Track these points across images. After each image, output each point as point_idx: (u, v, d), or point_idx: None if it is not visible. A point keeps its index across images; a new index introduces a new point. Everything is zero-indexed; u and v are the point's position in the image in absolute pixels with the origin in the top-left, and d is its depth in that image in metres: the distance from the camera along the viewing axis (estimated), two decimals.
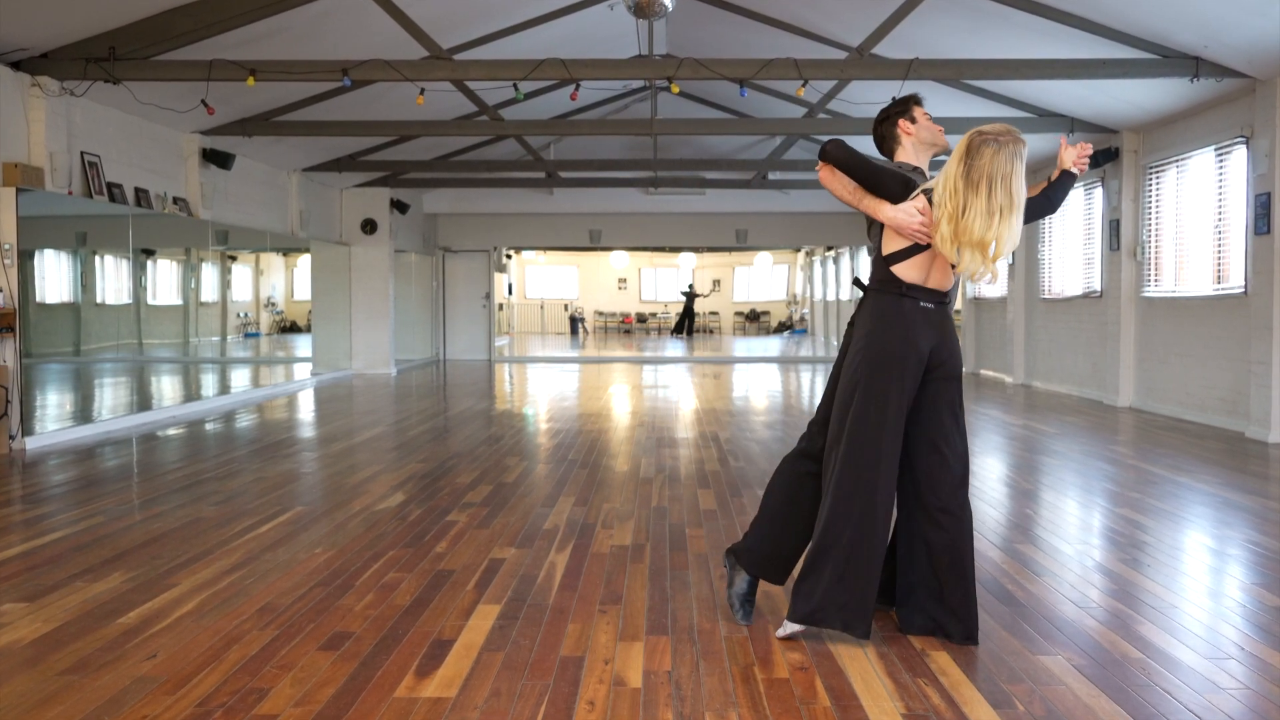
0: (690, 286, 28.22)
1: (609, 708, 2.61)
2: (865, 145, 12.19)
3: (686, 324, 27.71)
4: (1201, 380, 8.54)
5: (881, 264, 3.17)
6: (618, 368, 16.12)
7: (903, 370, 3.07)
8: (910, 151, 3.28)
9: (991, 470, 6.61)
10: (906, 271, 3.11)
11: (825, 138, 13.17)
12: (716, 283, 30.99)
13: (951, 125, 9.99)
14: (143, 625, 3.24)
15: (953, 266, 3.11)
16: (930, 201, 3.07)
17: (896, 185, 3.11)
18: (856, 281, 3.28)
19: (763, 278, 30.27)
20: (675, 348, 22.50)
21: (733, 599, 3.35)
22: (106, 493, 5.52)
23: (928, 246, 3.10)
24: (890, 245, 3.15)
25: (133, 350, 9.71)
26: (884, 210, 3.11)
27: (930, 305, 3.12)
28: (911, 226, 3.07)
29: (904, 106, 3.32)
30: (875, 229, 3.23)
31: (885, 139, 3.34)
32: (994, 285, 13.88)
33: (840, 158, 3.14)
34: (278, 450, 7.14)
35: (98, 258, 9.27)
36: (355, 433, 8.10)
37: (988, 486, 5.98)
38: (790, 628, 3.12)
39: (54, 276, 8.57)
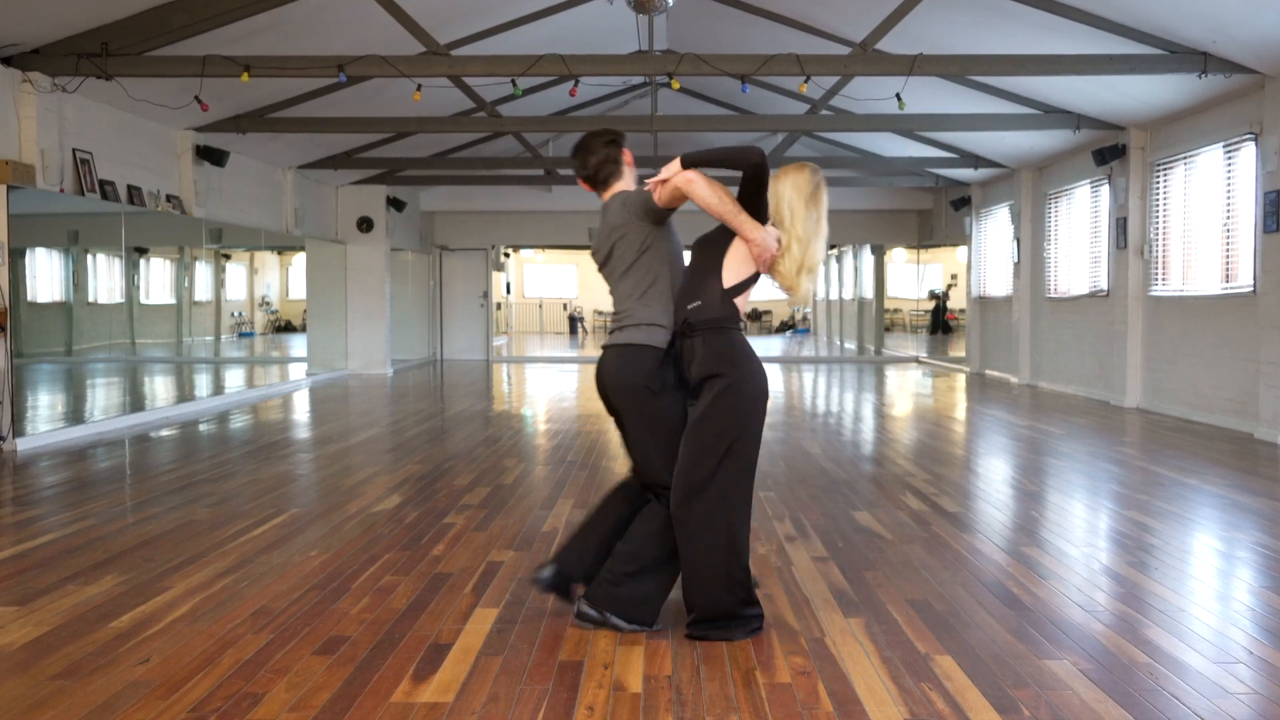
0: None
1: (609, 712, 2.59)
2: (868, 142, 12.04)
3: None
4: (1210, 380, 8.49)
5: (724, 297, 3.14)
6: None
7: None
8: (630, 181, 3.28)
9: (996, 472, 6.58)
10: (743, 303, 3.17)
11: (828, 135, 13.16)
12: None
13: (955, 123, 10.06)
14: (135, 629, 3.22)
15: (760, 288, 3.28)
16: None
17: (767, 212, 3.16)
18: (686, 324, 3.17)
19: (764, 276, 30.20)
20: None
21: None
22: (99, 495, 5.49)
23: (759, 275, 3.17)
24: (738, 275, 3.16)
25: (125, 350, 9.66)
26: (755, 230, 3.10)
27: None
28: (772, 251, 3.12)
29: (621, 137, 3.33)
30: (712, 266, 3.16)
31: (613, 161, 3.26)
32: (996, 285, 13.83)
33: (762, 165, 3.10)
34: (272, 452, 7.10)
35: (90, 256, 9.22)
36: (351, 434, 8.06)
37: (993, 489, 5.94)
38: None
39: (45, 275, 8.52)
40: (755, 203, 3.13)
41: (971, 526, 4.71)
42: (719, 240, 3.22)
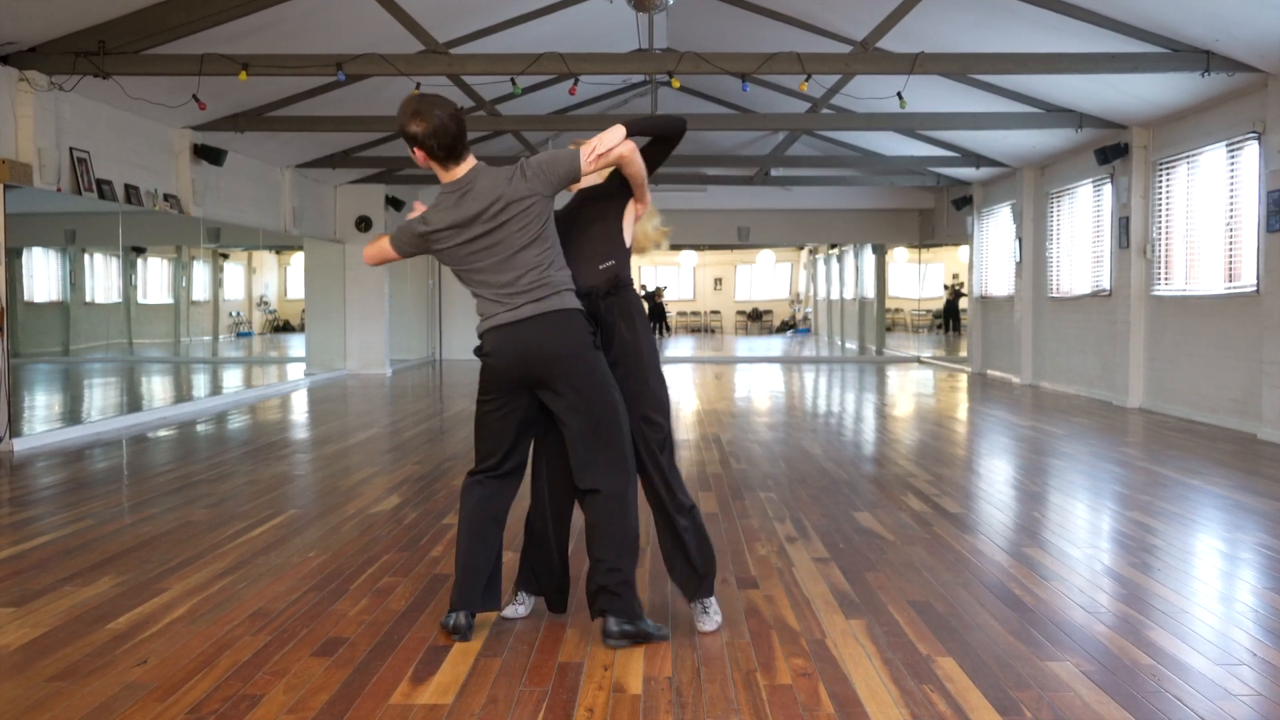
0: (650, 288, 27.95)
1: (608, 715, 2.58)
2: (870, 141, 12.02)
3: (657, 325, 27.38)
4: (1213, 380, 8.46)
5: (627, 256, 3.26)
6: None
7: None
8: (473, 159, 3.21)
9: (999, 472, 6.56)
10: None
11: (830, 133, 13.13)
12: (718, 281, 30.93)
13: (957, 121, 10.03)
14: (133, 631, 3.19)
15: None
16: None
17: None
18: (616, 281, 3.23)
19: (765, 276, 30.24)
20: (675, 347, 22.45)
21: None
22: (96, 495, 5.46)
23: None
24: (629, 237, 3.27)
25: (123, 350, 9.64)
26: (648, 195, 3.26)
27: None
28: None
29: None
30: (616, 226, 3.22)
31: (466, 133, 3.15)
32: (998, 285, 13.81)
33: (684, 132, 3.24)
34: (270, 452, 7.08)
35: (87, 256, 9.21)
36: (349, 434, 8.04)
37: (995, 489, 5.92)
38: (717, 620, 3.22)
39: (42, 275, 8.50)
40: (657, 167, 3.26)
41: (973, 527, 4.69)
42: (616, 200, 3.22)
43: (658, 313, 27.04)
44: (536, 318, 3.02)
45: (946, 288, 18.58)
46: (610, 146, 3.01)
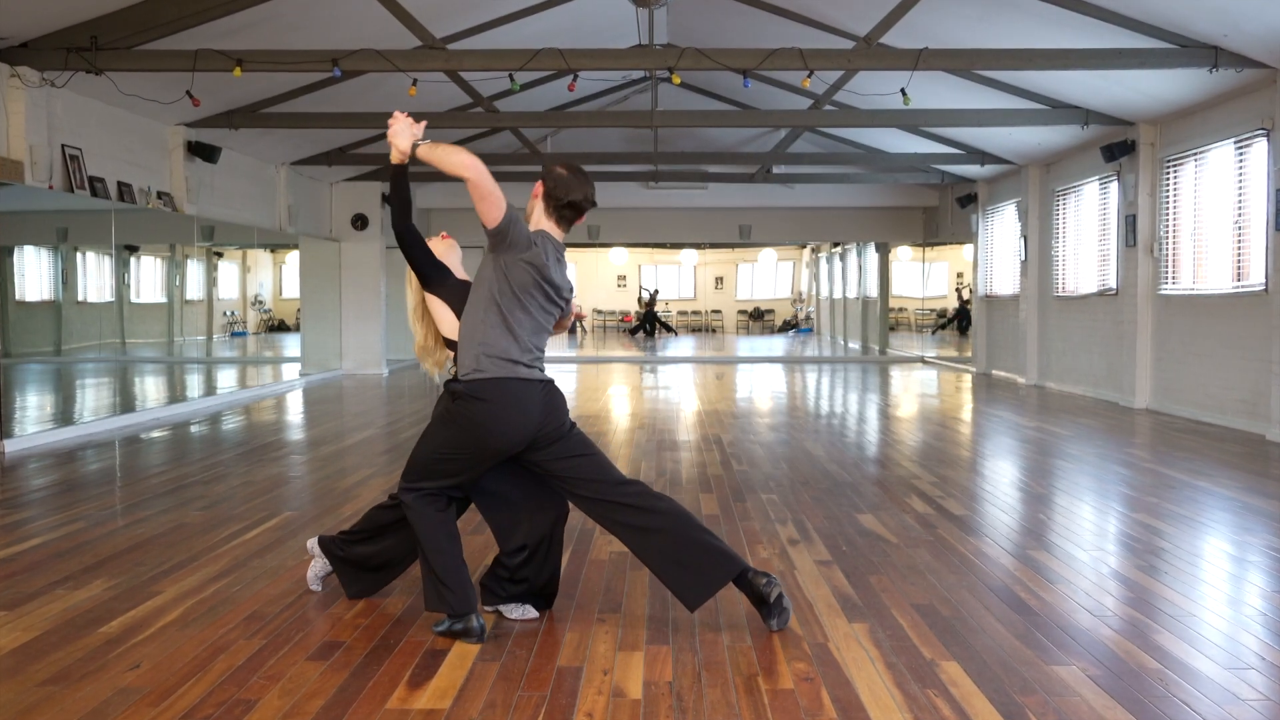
0: (651, 292, 27.92)
1: (608, 719, 2.55)
2: (873, 138, 11.92)
3: (649, 327, 27.32)
4: (1221, 381, 8.42)
5: None
6: (617, 368, 16.04)
7: None
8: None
9: (1004, 474, 6.53)
10: None
11: (832, 130, 13.10)
12: (719, 280, 30.91)
13: (962, 118, 9.99)
14: (126, 634, 3.18)
15: None
16: None
17: None
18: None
19: (767, 275, 30.22)
20: (676, 347, 22.45)
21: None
22: (88, 497, 5.43)
23: None
24: None
25: (115, 350, 9.62)
26: None
27: None
28: None
29: None
30: None
31: None
32: (1003, 284, 13.78)
33: None
34: (265, 453, 7.05)
35: (79, 254, 9.19)
36: (345, 435, 8.01)
37: (1000, 491, 5.89)
38: None
39: (34, 274, 8.48)
40: None
41: (978, 530, 4.66)
42: None
43: (650, 318, 27.00)
44: (551, 384, 3.37)
45: (964, 301, 18.58)
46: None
